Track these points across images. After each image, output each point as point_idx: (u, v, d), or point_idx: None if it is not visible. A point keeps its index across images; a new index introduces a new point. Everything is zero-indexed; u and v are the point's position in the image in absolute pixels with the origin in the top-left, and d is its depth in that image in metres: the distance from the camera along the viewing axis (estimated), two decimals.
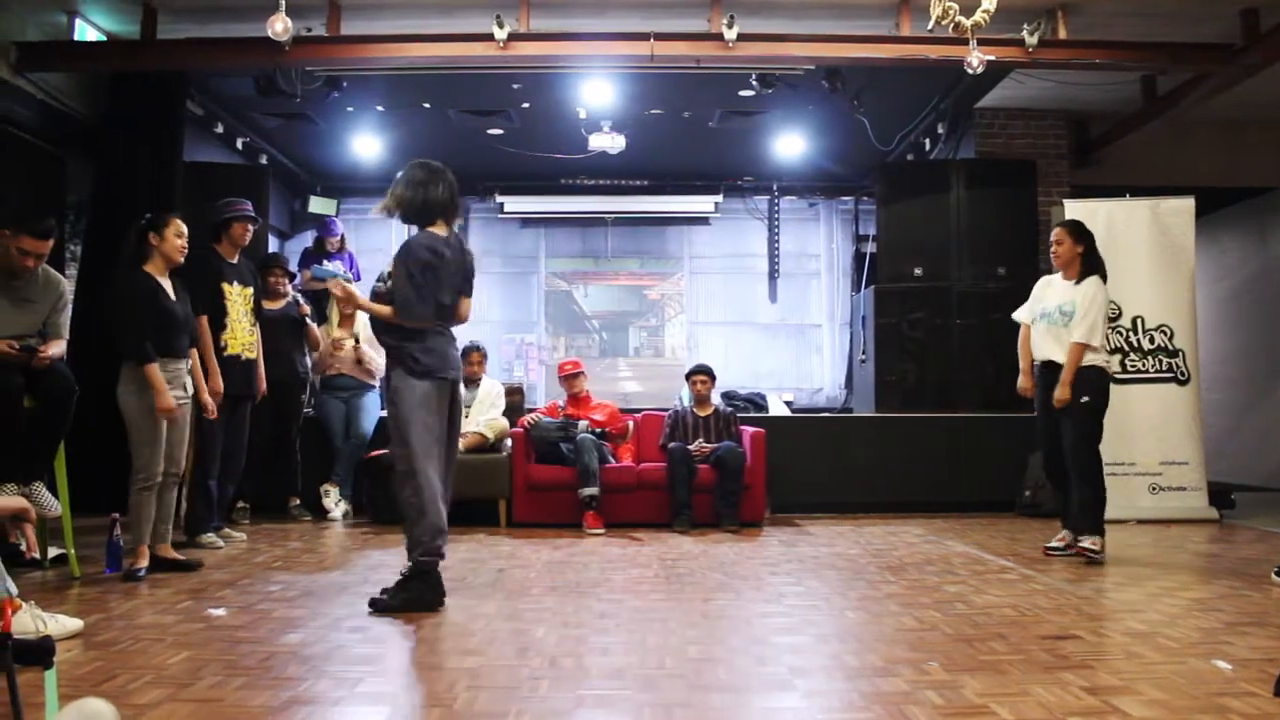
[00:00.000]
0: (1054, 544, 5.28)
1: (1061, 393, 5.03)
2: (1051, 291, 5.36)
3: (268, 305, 6.36)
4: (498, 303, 11.37)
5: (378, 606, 3.87)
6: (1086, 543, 5.01)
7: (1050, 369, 5.22)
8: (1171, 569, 4.92)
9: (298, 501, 6.78)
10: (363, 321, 7.24)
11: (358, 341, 6.97)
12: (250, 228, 5.70)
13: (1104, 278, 5.23)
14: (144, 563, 4.57)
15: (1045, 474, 5.58)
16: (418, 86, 7.89)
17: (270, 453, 6.56)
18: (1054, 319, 5.23)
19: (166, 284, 4.77)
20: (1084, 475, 5.08)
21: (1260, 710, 2.59)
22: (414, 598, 3.89)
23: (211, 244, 5.59)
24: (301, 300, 6.85)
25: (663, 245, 11.41)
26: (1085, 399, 5.05)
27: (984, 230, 7.92)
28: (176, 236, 4.76)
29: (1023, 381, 5.47)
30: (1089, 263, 5.25)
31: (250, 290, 5.72)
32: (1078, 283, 5.22)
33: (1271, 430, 9.12)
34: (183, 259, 4.83)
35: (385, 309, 4.04)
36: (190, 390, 4.90)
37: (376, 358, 7.10)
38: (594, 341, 11.38)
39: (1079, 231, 5.30)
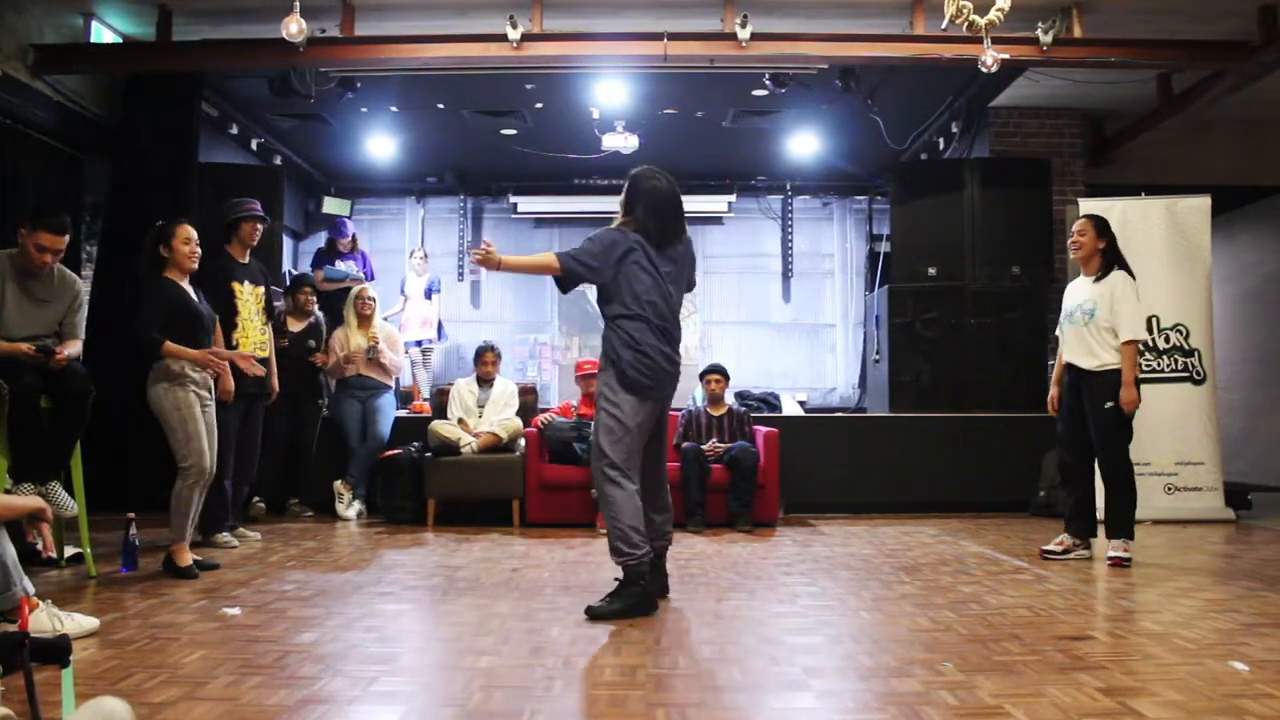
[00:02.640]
0: (1051, 547, 5.21)
1: (1127, 393, 4.90)
2: (1072, 294, 5.28)
3: (293, 324, 6.75)
4: (511, 303, 11.39)
5: (594, 614, 3.73)
6: (1120, 550, 4.91)
7: (1073, 371, 5.13)
8: (1187, 570, 4.89)
9: (296, 500, 6.79)
10: (379, 323, 7.26)
11: (377, 344, 6.96)
12: (259, 227, 5.73)
13: (1131, 275, 5.13)
14: (189, 560, 4.61)
15: (1060, 476, 5.50)
16: (431, 87, 7.91)
17: (286, 456, 6.69)
18: (1075, 319, 5.13)
19: (187, 287, 4.83)
20: (1120, 480, 5.00)
21: (1278, 712, 2.58)
22: (629, 605, 3.78)
23: (222, 244, 5.62)
24: (323, 321, 7.05)
25: None
26: (1110, 404, 4.95)
27: (998, 230, 7.87)
28: (184, 244, 4.77)
29: (1053, 392, 5.35)
30: (1110, 258, 5.14)
31: (261, 289, 5.73)
32: (1097, 280, 5.12)
33: None
34: (196, 264, 4.87)
35: (547, 257, 3.92)
36: (214, 392, 4.93)
37: (396, 358, 7.12)
38: None
39: (1102, 226, 5.19)
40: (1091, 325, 5.03)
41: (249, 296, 5.62)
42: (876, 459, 7.35)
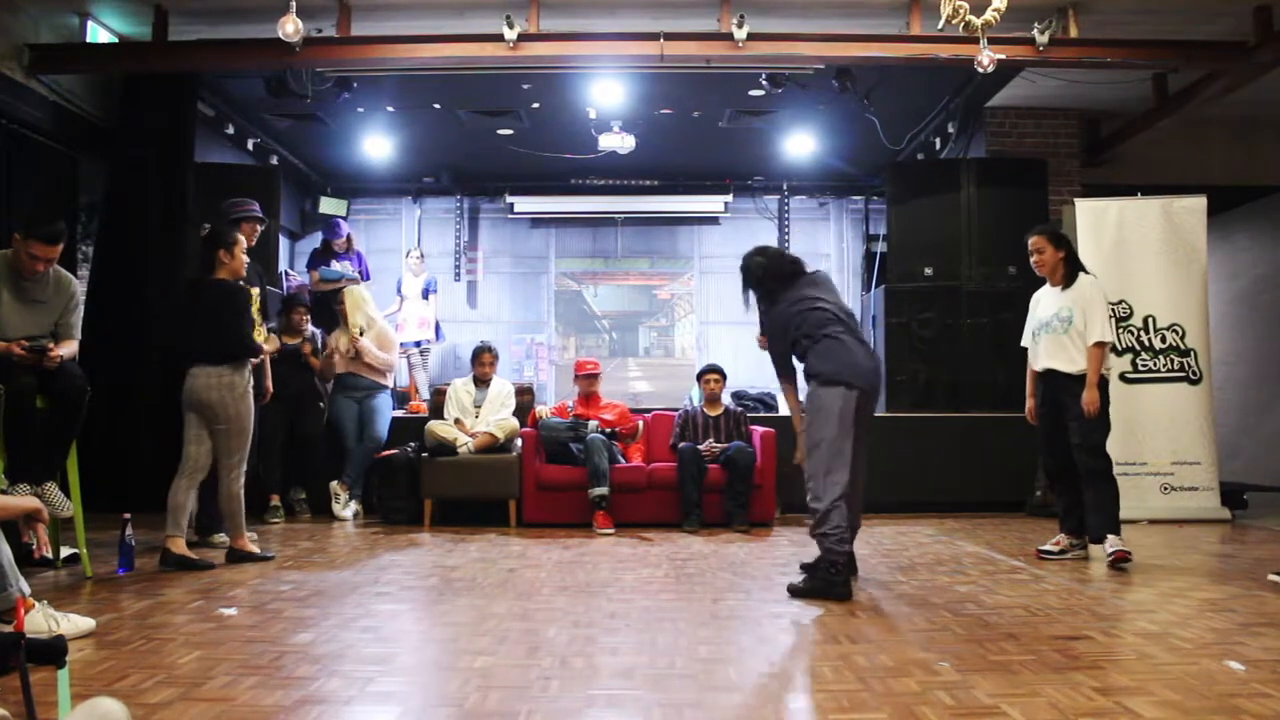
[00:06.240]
0: (1048, 547, 5.23)
1: (1090, 395, 4.93)
2: (1043, 303, 5.31)
3: (288, 341, 6.79)
4: (508, 303, 11.39)
5: (794, 592, 4.18)
6: (1115, 546, 4.87)
7: (1053, 377, 5.15)
8: (1183, 569, 4.90)
9: (276, 501, 6.72)
10: (369, 316, 7.20)
11: (356, 342, 6.94)
12: (258, 228, 5.74)
13: (1094, 276, 5.20)
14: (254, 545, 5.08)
15: (1049, 480, 5.50)
16: (428, 87, 7.91)
17: (291, 453, 6.78)
18: (1053, 327, 5.15)
19: None
20: (1101, 473, 5.01)
21: (1274, 711, 2.58)
22: (822, 585, 4.15)
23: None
24: (318, 335, 7.11)
25: (673, 245, 11.40)
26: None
27: (995, 230, 7.87)
28: (244, 252, 5.15)
29: (1030, 404, 5.36)
30: (1073, 265, 5.21)
31: (257, 291, 5.72)
32: (1066, 287, 5.17)
33: None
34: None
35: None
36: None
37: (381, 355, 7.09)
38: (604, 341, 11.38)
39: (1057, 238, 5.25)
40: (1071, 332, 5.07)
41: None
42: (872, 459, 7.20)
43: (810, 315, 4.40)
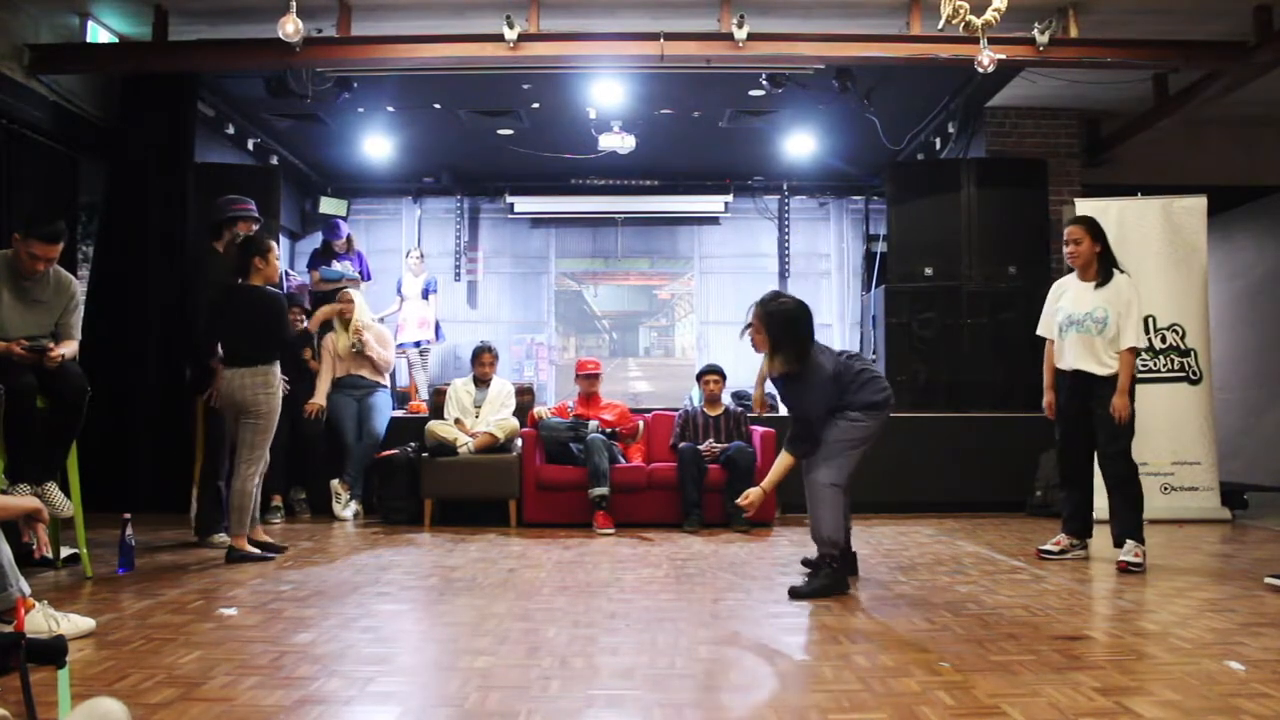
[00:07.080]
0: (1048, 547, 5.20)
1: (1121, 400, 4.86)
2: (1071, 298, 5.16)
3: None
4: (508, 303, 11.39)
5: (798, 594, 4.18)
6: (1131, 554, 4.81)
7: (1081, 378, 5.05)
8: (1184, 569, 4.89)
9: (277, 501, 6.72)
10: (367, 321, 7.21)
11: (361, 337, 6.96)
12: (254, 228, 5.75)
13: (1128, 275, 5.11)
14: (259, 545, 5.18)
15: (1061, 480, 5.39)
16: (428, 87, 7.91)
17: (290, 453, 6.72)
18: (1085, 327, 5.02)
19: None
20: (1129, 478, 4.96)
21: (1274, 712, 2.58)
22: (827, 584, 4.22)
23: (211, 242, 5.60)
24: (313, 334, 7.07)
25: (673, 245, 11.40)
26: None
27: (995, 230, 7.88)
28: (277, 260, 5.30)
29: (1048, 398, 5.27)
30: (1108, 261, 5.09)
31: None
32: (1099, 285, 5.04)
33: None
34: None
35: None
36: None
37: (382, 351, 7.10)
38: (604, 341, 11.38)
39: (1096, 230, 5.12)
40: (1103, 335, 4.97)
41: None
42: (872, 458, 7.21)
43: (845, 357, 4.49)
